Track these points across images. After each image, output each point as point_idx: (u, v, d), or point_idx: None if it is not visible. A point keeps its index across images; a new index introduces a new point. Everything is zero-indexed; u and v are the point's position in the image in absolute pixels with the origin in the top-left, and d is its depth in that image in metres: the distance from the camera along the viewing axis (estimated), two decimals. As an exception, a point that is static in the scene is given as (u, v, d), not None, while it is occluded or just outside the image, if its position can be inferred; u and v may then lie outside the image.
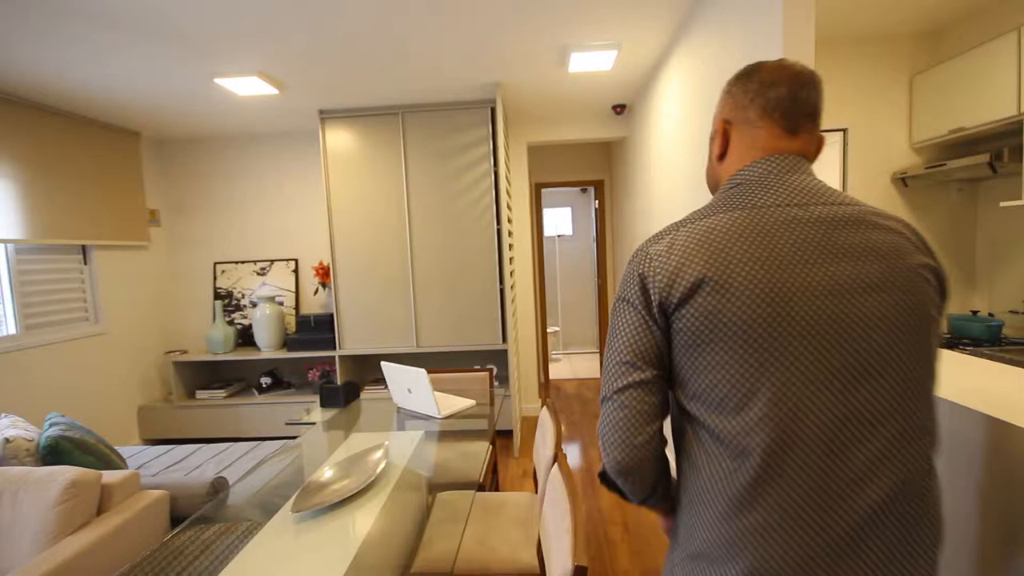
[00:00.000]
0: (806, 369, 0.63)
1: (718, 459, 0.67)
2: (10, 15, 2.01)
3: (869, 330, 0.63)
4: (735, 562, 0.64)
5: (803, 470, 0.62)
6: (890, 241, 0.67)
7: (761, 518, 0.63)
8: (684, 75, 2.47)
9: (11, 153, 2.87)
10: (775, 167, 0.72)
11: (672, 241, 0.70)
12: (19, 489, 1.55)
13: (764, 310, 0.63)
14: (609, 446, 0.72)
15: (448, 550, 1.54)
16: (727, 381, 0.65)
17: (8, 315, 2.95)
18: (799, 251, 0.65)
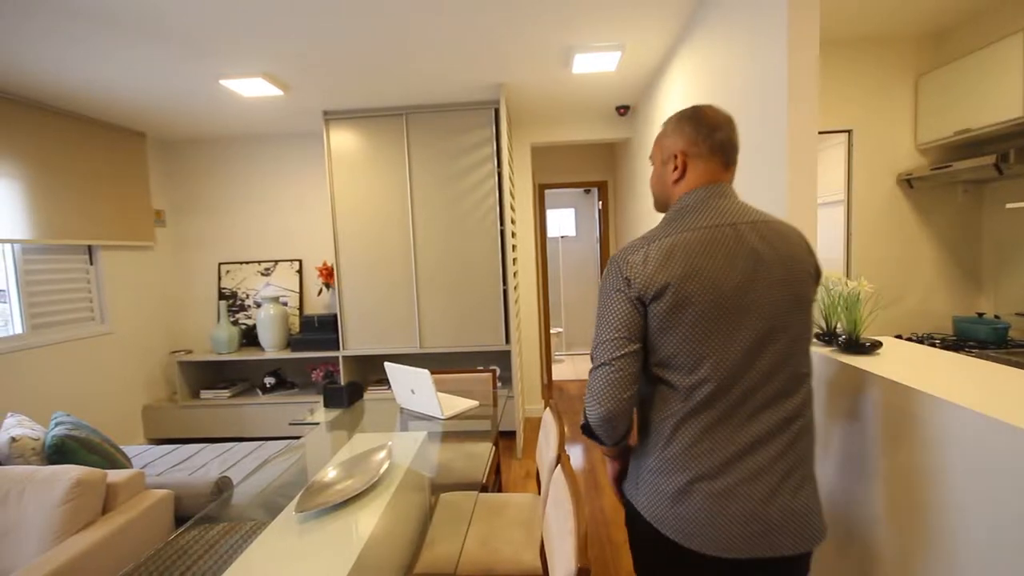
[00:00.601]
0: (732, 342, 0.93)
1: (671, 402, 0.97)
2: (17, 16, 2.03)
3: (771, 313, 0.94)
4: (679, 473, 0.95)
5: (727, 406, 0.93)
6: (793, 249, 0.98)
7: (692, 437, 0.94)
8: (688, 76, 2.47)
9: (18, 153, 2.90)
10: (713, 193, 1.01)
11: (646, 254, 0.97)
12: (25, 488, 1.56)
13: (706, 306, 0.93)
14: (603, 400, 0.96)
15: (451, 551, 1.54)
16: (684, 352, 0.94)
17: (15, 315, 2.97)
18: (728, 260, 0.94)
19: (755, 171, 1.73)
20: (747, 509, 0.91)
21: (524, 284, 4.11)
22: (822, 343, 1.42)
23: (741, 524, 0.91)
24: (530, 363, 4.14)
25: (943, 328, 2.76)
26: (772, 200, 1.59)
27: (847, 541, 1.26)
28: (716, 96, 2.09)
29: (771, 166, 1.60)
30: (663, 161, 1.09)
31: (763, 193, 1.67)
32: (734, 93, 1.89)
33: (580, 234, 6.65)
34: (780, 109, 1.52)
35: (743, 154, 1.83)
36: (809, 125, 1.49)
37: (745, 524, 0.91)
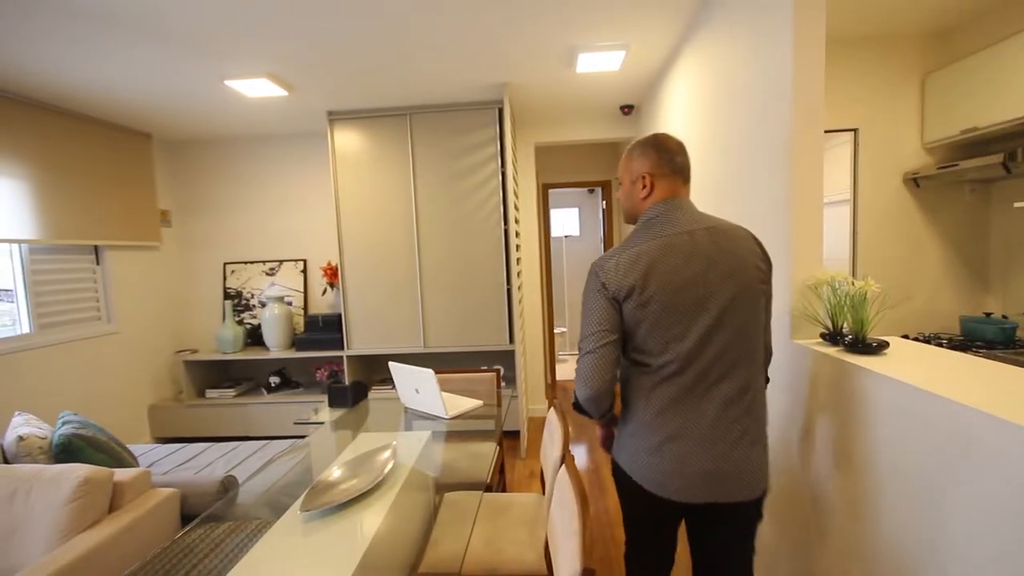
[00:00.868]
0: (690, 329, 1.14)
1: (644, 379, 1.19)
2: (22, 17, 2.05)
3: (722, 302, 1.14)
4: (665, 451, 1.16)
5: (689, 381, 1.14)
6: (740, 247, 1.18)
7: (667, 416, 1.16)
8: (692, 76, 2.46)
9: (26, 154, 2.92)
10: (673, 206, 1.22)
11: (617, 262, 1.18)
12: (32, 486, 1.57)
13: (665, 301, 1.14)
14: (589, 381, 1.18)
15: (455, 550, 1.54)
16: (652, 340, 1.16)
17: (22, 314, 2.99)
18: (685, 261, 1.15)
19: (760, 171, 1.72)
20: (707, 465, 1.14)
21: (528, 284, 4.11)
22: (828, 343, 1.42)
23: (701, 476, 1.14)
24: (534, 363, 4.13)
25: (950, 328, 2.74)
26: (777, 200, 1.59)
27: (857, 549, 1.26)
28: (721, 95, 2.08)
29: (776, 166, 1.59)
30: (632, 181, 1.29)
31: (767, 193, 1.66)
32: (738, 92, 1.88)
33: (584, 234, 6.64)
34: (785, 108, 1.51)
35: (747, 153, 1.82)
36: (815, 124, 1.48)
37: (704, 476, 1.14)
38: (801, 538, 1.53)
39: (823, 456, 1.39)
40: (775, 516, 1.69)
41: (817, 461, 1.42)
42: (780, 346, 1.61)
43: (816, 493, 1.43)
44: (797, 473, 1.54)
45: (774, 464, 1.69)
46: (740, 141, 1.90)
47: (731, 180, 2.01)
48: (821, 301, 1.45)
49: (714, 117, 2.19)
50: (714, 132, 2.19)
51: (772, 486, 1.71)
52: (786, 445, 1.60)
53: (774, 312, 1.65)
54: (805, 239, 1.49)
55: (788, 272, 1.52)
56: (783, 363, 1.59)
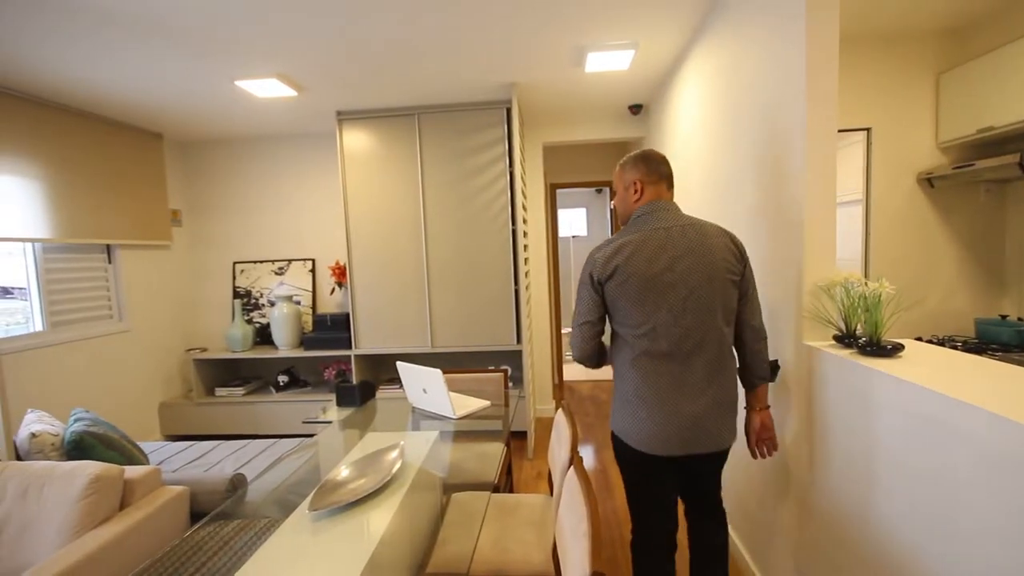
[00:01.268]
0: (661, 307, 1.36)
1: (628, 349, 1.42)
2: (39, 18, 2.07)
3: (689, 287, 1.35)
4: (647, 416, 1.39)
5: (664, 352, 1.37)
6: (710, 243, 1.39)
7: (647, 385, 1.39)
8: (702, 74, 2.44)
9: (39, 154, 2.95)
10: (660, 206, 1.45)
11: (604, 253, 1.42)
12: (44, 483, 1.58)
13: (642, 284, 1.36)
14: (577, 348, 1.50)
15: (463, 551, 1.53)
16: (631, 316, 1.39)
17: (35, 312, 3.03)
18: (660, 251, 1.37)
19: (770, 170, 1.70)
20: (683, 424, 1.38)
21: (535, 284, 4.10)
22: (841, 345, 1.40)
23: (678, 434, 1.38)
24: (541, 363, 4.12)
25: (964, 330, 2.70)
26: (788, 199, 1.57)
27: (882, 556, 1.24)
28: (731, 94, 2.06)
29: (788, 165, 1.57)
30: (624, 188, 1.54)
31: (778, 192, 1.64)
32: (749, 90, 1.87)
33: (591, 233, 6.63)
34: (798, 107, 1.49)
35: (757, 152, 1.80)
36: (828, 123, 1.46)
37: (681, 433, 1.38)
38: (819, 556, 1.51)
39: (835, 463, 1.37)
40: (777, 514, 1.67)
41: (827, 467, 1.40)
42: (790, 348, 1.59)
43: (830, 496, 1.41)
44: (804, 475, 1.52)
45: (782, 464, 1.67)
46: (750, 140, 1.88)
47: (740, 179, 1.99)
48: (834, 302, 1.43)
49: (724, 116, 2.17)
50: (724, 131, 2.17)
51: (783, 487, 1.69)
52: (795, 447, 1.58)
53: (783, 313, 1.63)
54: (818, 240, 1.47)
55: (799, 273, 1.51)
56: (793, 365, 1.57)
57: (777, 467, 1.74)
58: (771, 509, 1.81)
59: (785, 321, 1.63)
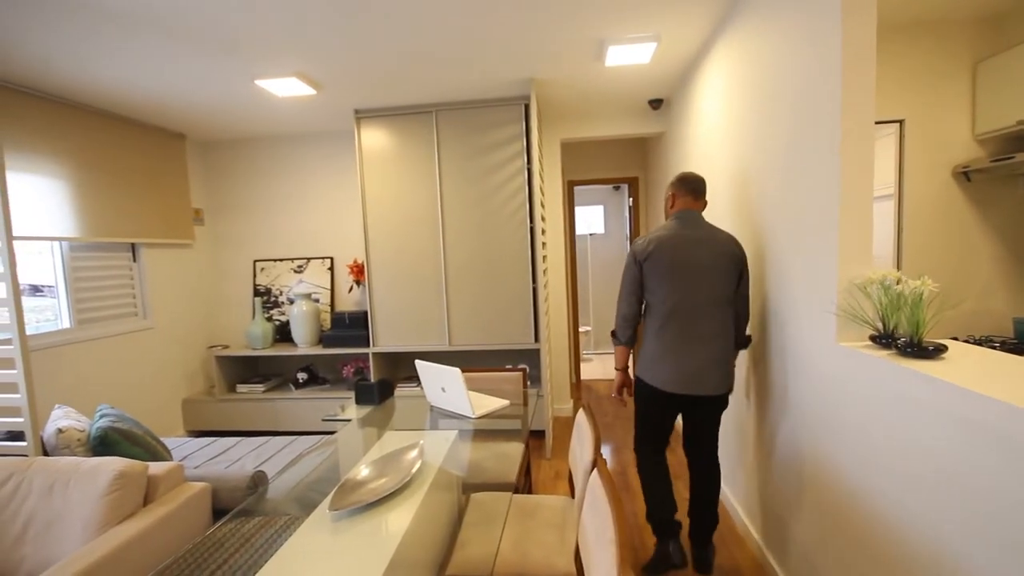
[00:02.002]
0: (678, 285, 1.88)
1: (654, 317, 1.95)
2: (64, 20, 2.10)
3: (699, 272, 1.87)
4: (663, 363, 1.92)
5: (681, 319, 1.89)
6: (718, 244, 1.90)
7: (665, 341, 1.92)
8: (727, 67, 2.37)
9: (66, 154, 3.01)
10: (686, 214, 1.98)
11: (644, 242, 1.95)
12: (70, 479, 1.60)
13: (667, 266, 1.89)
14: (624, 307, 2.00)
15: (483, 553, 1.51)
16: (658, 288, 1.92)
17: (63, 310, 3.09)
18: (681, 245, 1.90)
19: (800, 163, 1.64)
20: (691, 370, 1.90)
21: (553, 282, 4.06)
22: (878, 346, 1.34)
23: (687, 377, 1.90)
24: (559, 362, 4.09)
25: (1002, 330, 2.59)
26: (820, 194, 1.51)
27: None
28: (758, 86, 2.00)
29: (820, 158, 1.51)
30: (665, 198, 2.12)
31: (810, 186, 1.58)
32: (779, 82, 1.80)
33: (609, 231, 6.55)
34: (833, 98, 1.43)
35: (786, 145, 1.73)
36: (865, 115, 1.40)
37: (689, 377, 1.90)
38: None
39: (874, 469, 1.31)
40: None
41: (866, 472, 1.34)
42: (823, 349, 1.53)
43: (871, 505, 1.36)
44: (843, 482, 1.46)
45: (814, 474, 1.61)
46: (779, 132, 1.81)
47: (767, 172, 1.93)
48: (871, 301, 1.37)
49: (751, 108, 2.10)
50: (750, 124, 2.11)
51: (817, 496, 1.64)
52: (831, 455, 1.52)
53: (812, 312, 1.57)
54: (853, 235, 1.41)
55: (832, 270, 1.45)
56: (824, 367, 1.51)
57: (812, 474, 1.68)
58: (801, 524, 1.75)
59: (814, 320, 1.57)
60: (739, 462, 2.39)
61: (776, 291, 1.89)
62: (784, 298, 1.82)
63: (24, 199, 2.76)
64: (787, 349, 1.80)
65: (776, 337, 1.90)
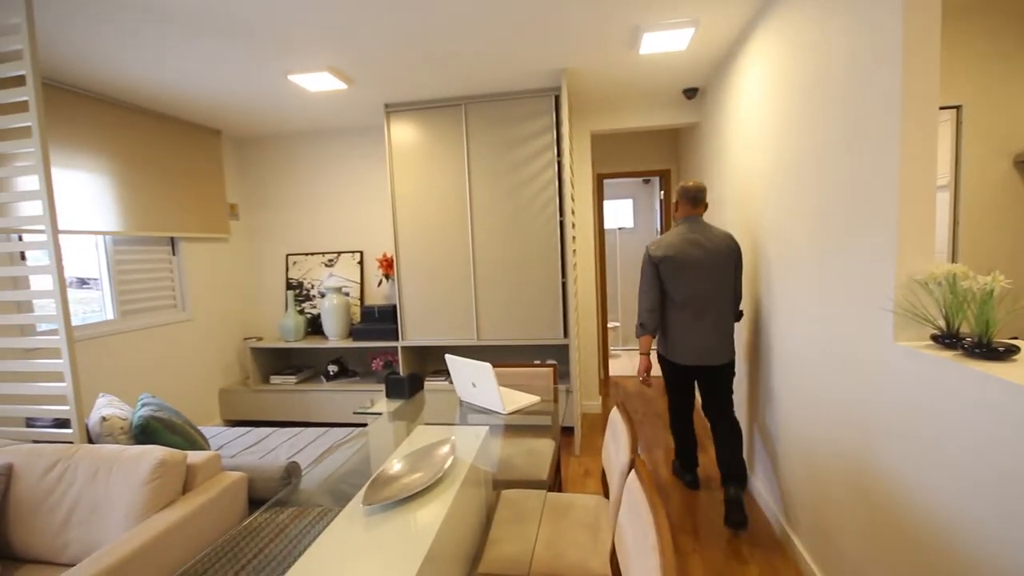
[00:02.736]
0: (687, 282, 2.38)
1: (671, 309, 2.47)
2: (106, 20, 2.15)
3: (704, 270, 2.37)
4: (680, 342, 2.46)
5: (691, 307, 2.41)
6: (718, 244, 2.39)
7: (681, 325, 2.44)
8: (770, 52, 2.27)
9: (110, 151, 3.10)
10: (690, 219, 2.47)
11: (657, 247, 2.44)
12: (113, 466, 1.64)
13: (676, 267, 2.39)
14: (645, 302, 2.46)
15: (515, 551, 1.49)
16: (673, 286, 2.41)
17: (107, 301, 3.20)
18: (688, 246, 2.39)
19: (853, 151, 1.54)
20: (702, 347, 2.39)
21: (582, 277, 4.00)
22: (941, 346, 1.25)
23: (699, 352, 2.39)
24: (588, 358, 4.03)
25: (1068, 330, 2.41)
26: (880, 183, 1.41)
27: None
28: (804, 72, 1.89)
29: (877, 148, 1.42)
30: (673, 204, 2.58)
31: (865, 175, 1.48)
32: (829, 66, 1.70)
33: (638, 226, 6.43)
34: (891, 84, 1.34)
35: (835, 134, 1.64)
36: (928, 100, 1.30)
37: (702, 351, 2.39)
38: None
39: (939, 478, 1.23)
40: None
41: (930, 482, 1.26)
42: (878, 349, 1.44)
43: (928, 519, 1.27)
44: (912, 494, 1.37)
45: (868, 485, 1.53)
46: (828, 120, 1.71)
47: (814, 161, 1.83)
48: (933, 298, 1.28)
49: (795, 96, 2.00)
50: (795, 111, 2.01)
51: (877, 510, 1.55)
52: (889, 462, 1.44)
53: (865, 310, 1.47)
54: (913, 228, 1.32)
55: (890, 265, 1.36)
56: (880, 368, 1.42)
57: (869, 483, 1.60)
58: (852, 536, 1.66)
59: (867, 318, 1.48)
60: (777, 463, 2.30)
61: (821, 285, 1.80)
62: (831, 293, 1.73)
63: (70, 194, 2.86)
64: (833, 347, 1.71)
65: (820, 334, 1.81)
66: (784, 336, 2.18)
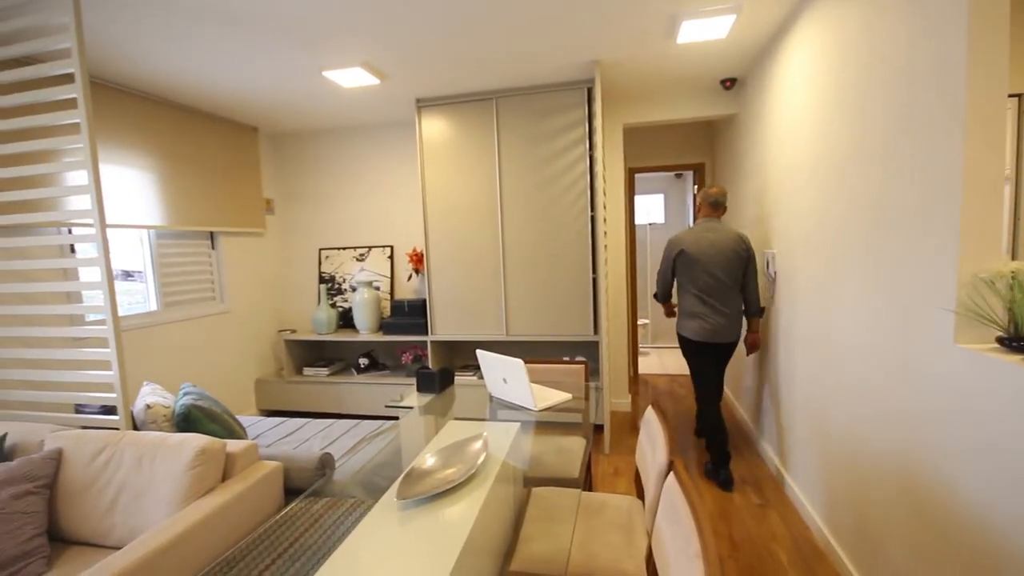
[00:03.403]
0: (701, 273, 2.78)
1: (683, 294, 2.91)
2: (148, 19, 2.21)
3: (712, 263, 2.76)
4: (692, 322, 2.84)
5: (702, 294, 2.80)
6: (727, 241, 2.77)
7: (693, 308, 2.84)
8: (815, 39, 2.16)
9: (153, 148, 3.20)
10: (707, 222, 2.87)
11: (676, 239, 2.88)
12: (156, 453, 1.70)
13: (692, 260, 2.79)
14: (659, 284, 3.04)
15: (549, 551, 1.47)
16: (684, 275, 2.86)
17: (151, 293, 3.32)
18: (702, 244, 2.78)
19: (908, 147, 1.45)
20: (710, 327, 2.77)
21: (612, 273, 3.94)
22: (1008, 349, 1.16)
23: (708, 331, 2.78)
24: (617, 355, 3.97)
25: None
26: (940, 176, 1.33)
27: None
28: (854, 60, 1.80)
29: (937, 140, 1.33)
30: (696, 207, 3.42)
31: (923, 168, 1.39)
32: (881, 55, 1.61)
33: (669, 221, 6.30)
34: (954, 71, 1.25)
35: (890, 123, 1.55)
36: (996, 88, 1.21)
37: (709, 330, 2.78)
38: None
39: (1005, 488, 1.15)
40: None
41: (997, 498, 1.18)
42: (936, 351, 1.35)
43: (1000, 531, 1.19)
44: (985, 512, 1.29)
45: (925, 496, 1.45)
46: (883, 108, 1.62)
47: (865, 153, 1.74)
48: (1000, 298, 1.19)
49: (843, 85, 1.90)
50: (845, 100, 1.91)
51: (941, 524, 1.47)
52: (948, 473, 1.36)
53: (921, 309, 1.38)
54: (979, 223, 1.23)
55: (951, 261, 1.27)
56: (939, 371, 1.34)
57: (923, 491, 1.52)
58: (903, 549, 1.58)
59: (923, 318, 1.40)
60: (816, 467, 2.22)
61: (872, 283, 1.71)
62: (883, 290, 1.64)
63: (117, 189, 2.97)
64: (884, 348, 1.63)
65: (868, 333, 1.72)
66: (826, 335, 2.09)
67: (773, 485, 2.75)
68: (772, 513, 2.48)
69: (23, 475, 1.67)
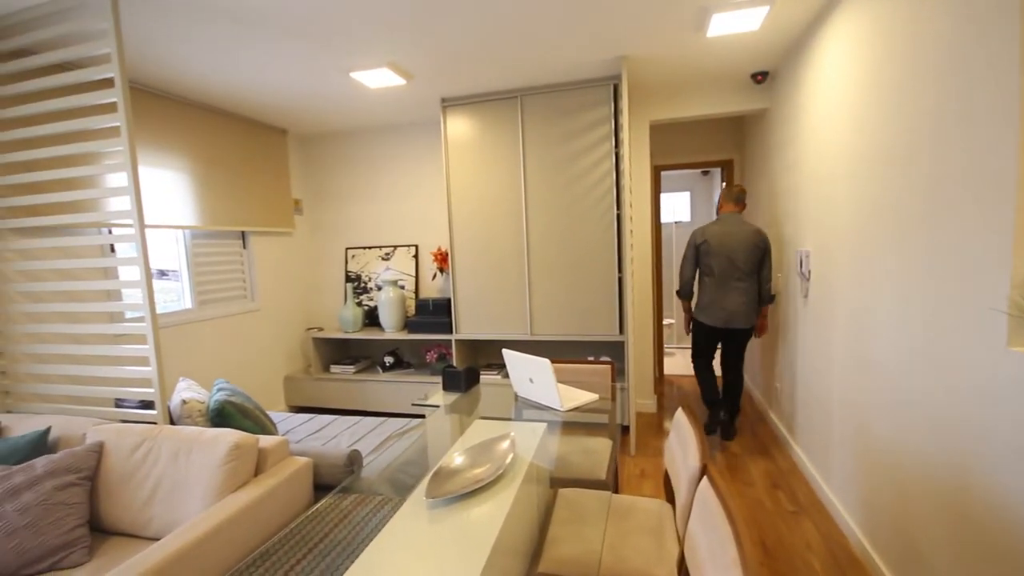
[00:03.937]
0: (721, 261, 3.21)
1: (705, 281, 3.30)
2: (185, 24, 2.26)
3: (731, 253, 3.18)
4: (710, 308, 3.27)
5: (720, 282, 3.23)
6: (745, 234, 3.18)
7: (711, 295, 3.27)
8: (852, 30, 2.08)
9: (189, 149, 3.29)
10: (726, 215, 3.30)
11: (700, 231, 3.32)
12: (192, 448, 1.74)
13: (714, 249, 3.22)
14: (683, 274, 3.37)
15: (577, 553, 1.45)
16: (706, 263, 3.28)
17: (186, 292, 3.42)
18: (723, 236, 3.21)
19: (952, 140, 1.38)
20: (726, 314, 3.20)
21: (638, 272, 3.89)
22: (1069, 354, 1.10)
23: (723, 317, 3.20)
24: (642, 355, 3.92)
25: None
26: (992, 174, 1.26)
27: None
28: (898, 55, 1.72)
29: (987, 139, 1.26)
30: (718, 203, 3.41)
31: (973, 167, 1.33)
32: (923, 46, 1.54)
33: (696, 220, 6.19)
34: (1005, 58, 1.18)
35: (937, 119, 1.48)
36: (1056, 70, 1.14)
37: (724, 316, 3.20)
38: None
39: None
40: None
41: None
42: (986, 355, 1.29)
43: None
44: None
45: (980, 510, 1.38)
46: (927, 103, 1.55)
47: (908, 149, 1.67)
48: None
49: (886, 78, 1.82)
50: (884, 96, 1.83)
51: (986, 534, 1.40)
52: (1002, 485, 1.29)
53: (967, 310, 1.31)
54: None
55: (1004, 260, 1.21)
56: (990, 376, 1.27)
57: (975, 506, 1.45)
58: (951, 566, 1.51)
59: (972, 319, 1.33)
60: (855, 473, 2.14)
61: (914, 281, 1.64)
62: (927, 290, 1.57)
63: (154, 191, 3.06)
64: (927, 350, 1.56)
65: (910, 336, 1.65)
66: (865, 336, 2.01)
67: (806, 490, 2.67)
68: (805, 520, 2.41)
69: (66, 467, 1.73)
